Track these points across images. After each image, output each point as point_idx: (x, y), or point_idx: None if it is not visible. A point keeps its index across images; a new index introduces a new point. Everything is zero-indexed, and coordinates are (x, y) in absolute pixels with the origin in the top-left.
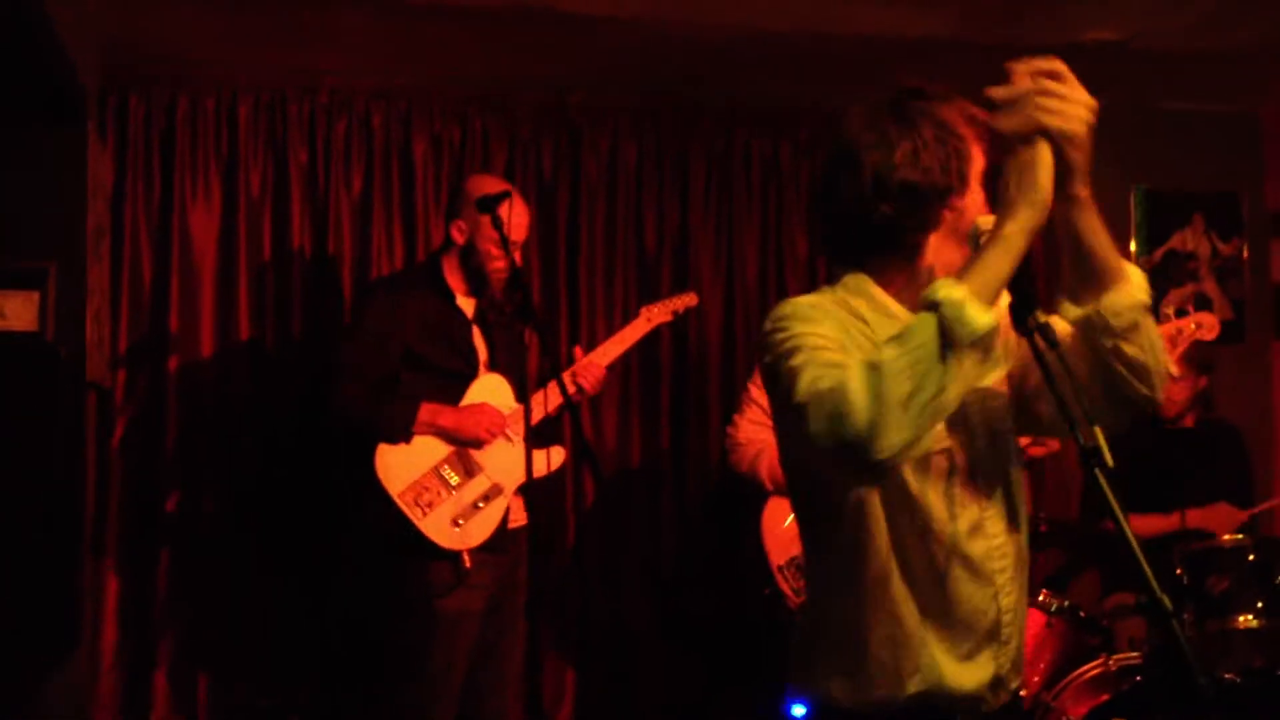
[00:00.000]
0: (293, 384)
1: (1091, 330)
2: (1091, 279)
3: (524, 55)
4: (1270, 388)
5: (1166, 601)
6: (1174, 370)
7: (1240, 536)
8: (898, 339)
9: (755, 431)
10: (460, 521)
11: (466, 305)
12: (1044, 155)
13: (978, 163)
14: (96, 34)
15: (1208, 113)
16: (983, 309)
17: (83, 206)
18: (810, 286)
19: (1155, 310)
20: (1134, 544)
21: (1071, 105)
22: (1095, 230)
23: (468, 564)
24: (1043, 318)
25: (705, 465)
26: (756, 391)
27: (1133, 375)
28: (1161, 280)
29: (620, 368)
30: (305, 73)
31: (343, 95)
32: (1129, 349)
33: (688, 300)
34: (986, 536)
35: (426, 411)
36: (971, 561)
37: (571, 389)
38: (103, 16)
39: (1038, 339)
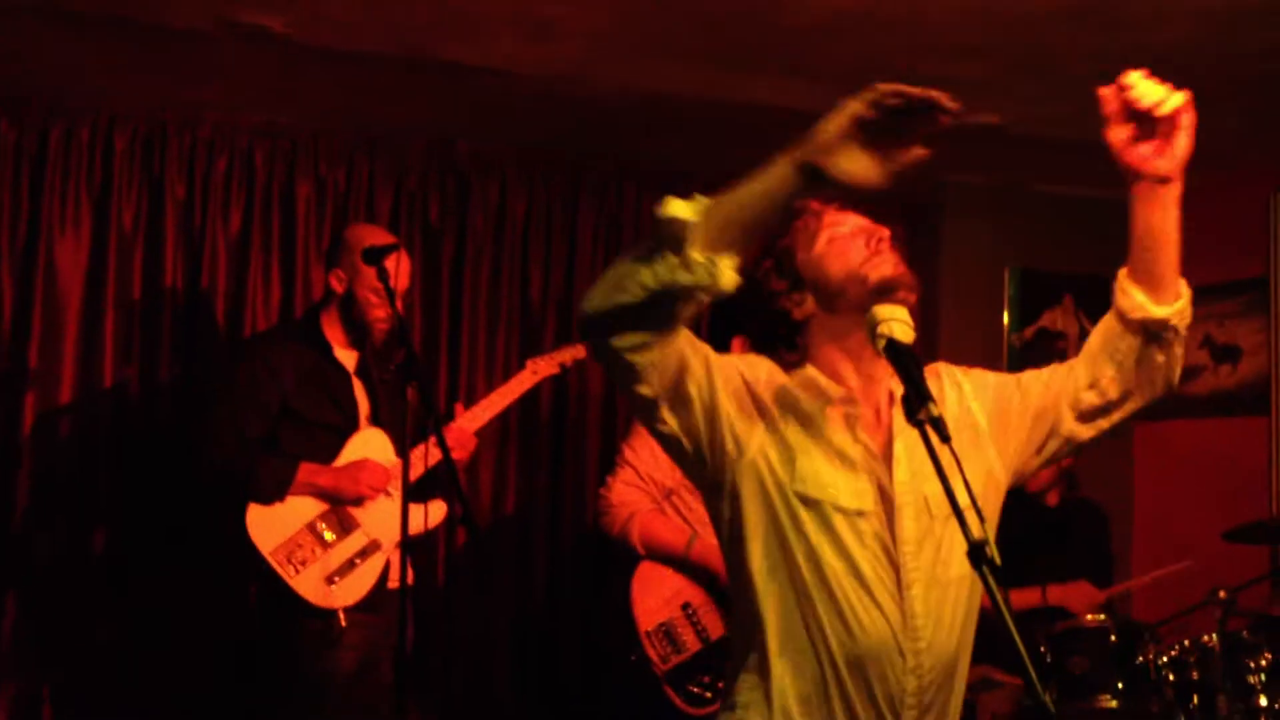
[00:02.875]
0: (158, 427)
1: (1156, 326)
2: (1159, 276)
3: (411, 101)
4: (1131, 467)
5: (1050, 705)
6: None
7: (1102, 618)
8: None
9: (628, 493)
10: (335, 579)
11: (346, 358)
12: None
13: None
14: None
15: (1081, 197)
16: (681, 203)
17: None
18: None
19: None
20: (1021, 648)
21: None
22: (1171, 229)
23: (342, 623)
24: (935, 410)
25: (581, 522)
26: (630, 453)
27: (1169, 367)
28: (1032, 357)
29: (499, 419)
30: (187, 105)
31: (225, 130)
32: (1182, 349)
33: (575, 353)
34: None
35: (305, 472)
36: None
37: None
38: None
39: (930, 433)
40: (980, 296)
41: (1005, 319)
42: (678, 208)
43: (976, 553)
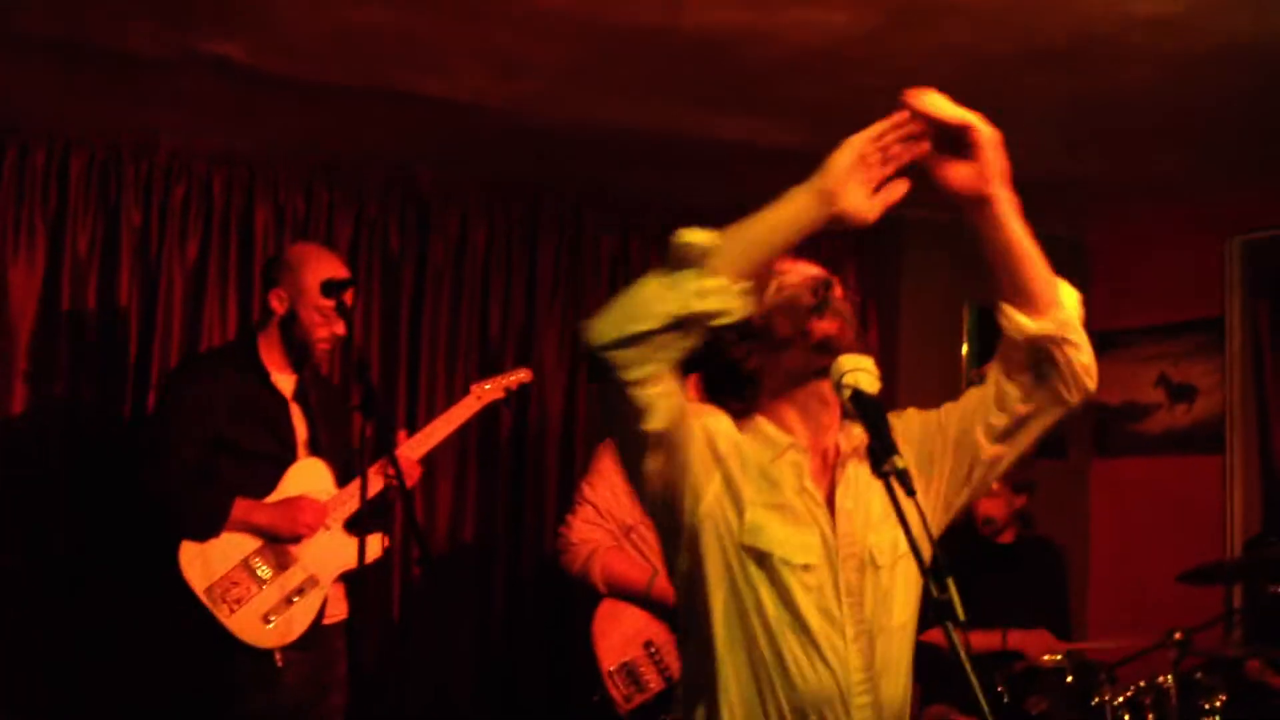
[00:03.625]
0: (111, 454)
1: (1041, 341)
2: (1026, 291)
3: (373, 130)
4: (1088, 504)
5: None
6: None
7: (1059, 658)
8: None
9: (589, 531)
10: (272, 618)
11: (284, 382)
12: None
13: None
14: None
15: (1038, 233)
16: (700, 231)
17: None
18: None
19: None
20: (983, 703)
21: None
22: (1026, 238)
23: (279, 662)
24: (900, 463)
25: (540, 554)
26: (590, 491)
27: (1071, 377)
28: None
29: (457, 448)
30: (143, 130)
31: (182, 158)
32: (1077, 356)
33: (521, 376)
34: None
35: (240, 509)
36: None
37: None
38: None
39: (895, 485)
40: (940, 331)
41: (963, 356)
42: (696, 234)
43: (943, 610)
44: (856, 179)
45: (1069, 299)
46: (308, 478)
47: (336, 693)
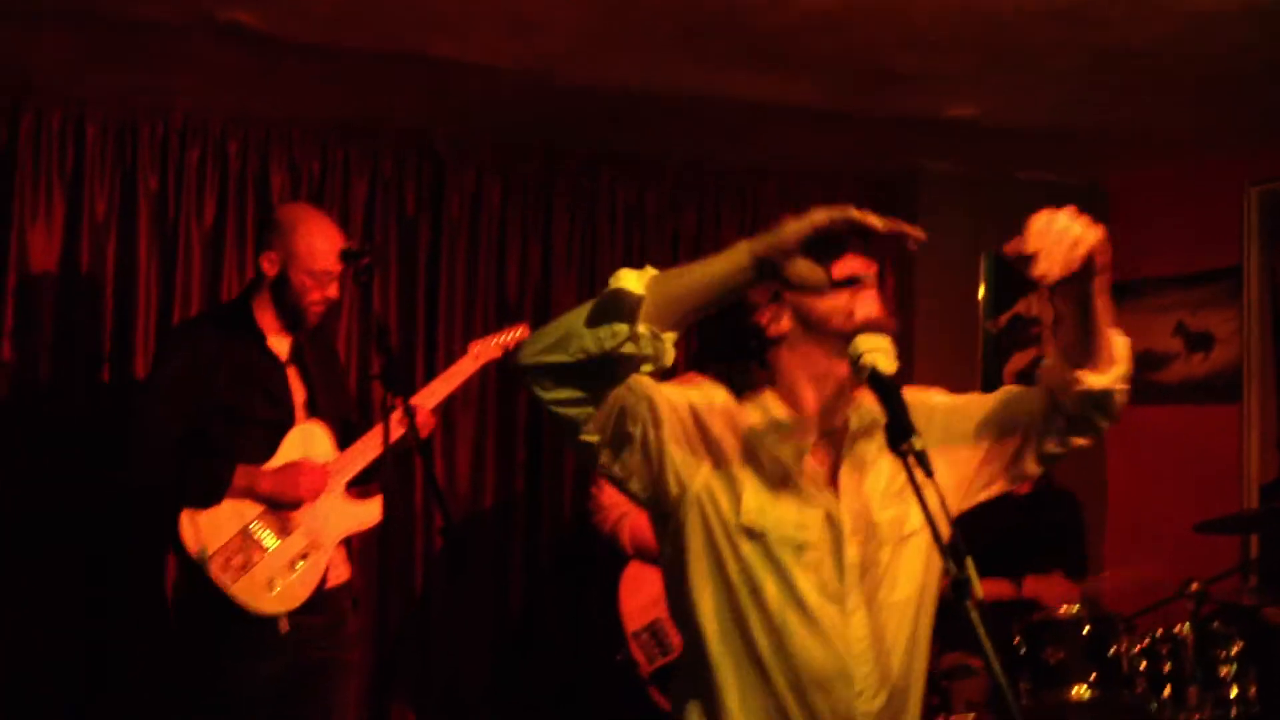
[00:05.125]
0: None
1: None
2: (1092, 352)
3: (387, 92)
4: (1105, 454)
5: None
6: None
7: (1076, 609)
8: None
9: (619, 494)
10: (276, 584)
11: (280, 345)
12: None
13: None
14: None
15: (1056, 183)
16: (631, 275)
17: None
18: None
19: None
20: (1004, 684)
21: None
22: (1110, 308)
23: (284, 628)
24: (919, 444)
25: (559, 515)
26: None
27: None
28: (1007, 345)
29: (476, 414)
30: (158, 93)
31: (197, 119)
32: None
33: (518, 333)
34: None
35: (241, 475)
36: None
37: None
38: None
39: (913, 465)
40: (955, 283)
41: (980, 306)
42: (629, 280)
43: (961, 589)
44: (807, 248)
45: (1123, 346)
46: (307, 441)
47: (349, 650)
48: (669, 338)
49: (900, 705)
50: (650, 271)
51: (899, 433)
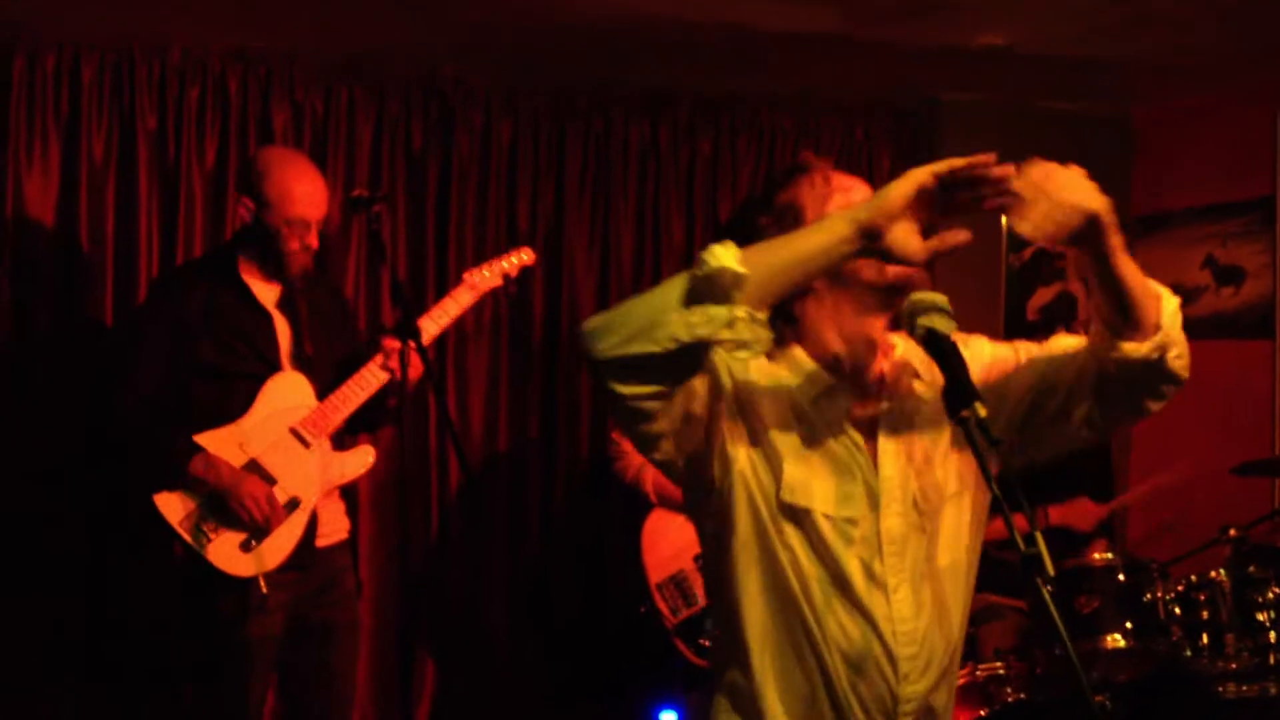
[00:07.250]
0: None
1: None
2: (1129, 317)
3: (391, 24)
4: None
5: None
6: None
7: (1110, 556)
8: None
9: None
10: (252, 543)
11: (266, 293)
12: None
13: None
14: None
15: (1082, 113)
16: (728, 252)
17: None
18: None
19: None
20: (1079, 669)
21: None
22: (1134, 273)
23: (263, 589)
24: (982, 411)
25: (575, 458)
26: None
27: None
28: (1030, 279)
29: (489, 351)
30: (154, 30)
31: (196, 57)
32: (1178, 362)
33: (521, 257)
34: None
35: (199, 463)
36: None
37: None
38: None
39: (976, 433)
40: (977, 216)
41: (1004, 243)
42: (727, 257)
43: (1031, 565)
44: (908, 217)
45: (1170, 311)
46: (285, 392)
47: (347, 611)
48: (764, 318)
49: (945, 681)
50: (733, 248)
51: (960, 399)
